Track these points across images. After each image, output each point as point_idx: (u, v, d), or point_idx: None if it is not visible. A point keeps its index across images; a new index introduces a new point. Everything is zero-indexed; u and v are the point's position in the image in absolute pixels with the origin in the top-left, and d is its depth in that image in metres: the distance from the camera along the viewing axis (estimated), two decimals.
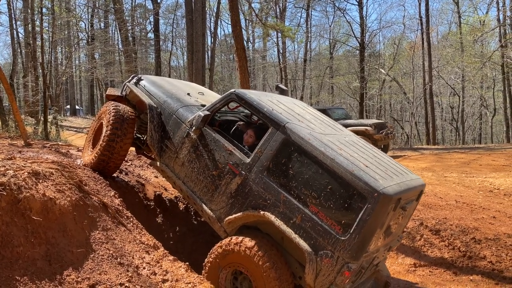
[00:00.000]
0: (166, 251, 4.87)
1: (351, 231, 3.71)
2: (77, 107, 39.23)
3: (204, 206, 4.69)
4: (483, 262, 6.12)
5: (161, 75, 32.26)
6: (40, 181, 4.22)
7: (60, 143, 10.25)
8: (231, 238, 4.27)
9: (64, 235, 4.00)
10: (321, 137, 4.18)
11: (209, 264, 4.42)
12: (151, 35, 40.68)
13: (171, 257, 4.79)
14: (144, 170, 7.41)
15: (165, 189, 6.86)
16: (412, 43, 40.49)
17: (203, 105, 5.28)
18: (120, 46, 32.13)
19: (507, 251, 6.27)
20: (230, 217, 4.41)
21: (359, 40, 29.39)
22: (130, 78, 6.03)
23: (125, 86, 6.02)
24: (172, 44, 40.01)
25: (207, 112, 4.72)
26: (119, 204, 5.15)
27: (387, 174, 3.97)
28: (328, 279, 3.83)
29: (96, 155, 5.38)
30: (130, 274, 4.04)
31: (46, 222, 3.88)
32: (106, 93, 6.19)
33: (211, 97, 6.11)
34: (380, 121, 16.56)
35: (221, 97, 4.89)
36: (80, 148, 8.84)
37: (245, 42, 43.66)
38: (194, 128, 4.74)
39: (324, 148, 3.97)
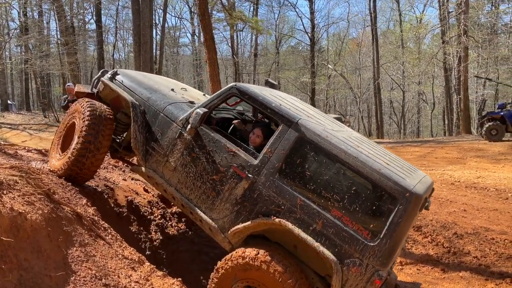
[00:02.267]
0: (152, 266, 4.32)
1: (381, 236, 3.39)
2: (9, 102, 36.14)
3: (203, 215, 4.13)
4: (468, 258, 6.13)
5: (103, 68, 30.53)
6: (5, 192, 3.51)
7: (2, 143, 9.14)
8: (257, 252, 3.69)
9: (39, 257, 3.34)
10: (336, 134, 3.82)
11: (223, 271, 3.82)
12: (90, 26, 38.47)
13: (159, 273, 4.26)
14: (110, 172, 6.68)
15: (137, 193, 6.21)
16: (355, 40, 41.73)
17: (191, 102, 4.72)
18: (58, 36, 29.94)
19: (490, 245, 6.33)
20: (238, 226, 3.89)
21: (309, 35, 29.57)
22: (100, 73, 5.30)
23: (97, 82, 5.29)
24: (116, 36, 38.01)
25: (205, 109, 4.16)
26: (93, 214, 4.50)
27: (406, 172, 3.71)
28: None
29: (68, 160, 4.64)
30: None
31: (17, 242, 3.21)
32: (75, 90, 5.42)
33: (194, 93, 5.55)
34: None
35: (219, 92, 4.33)
36: (29, 148, 7.88)
37: (192, 35, 42.71)
38: (189, 127, 4.16)
39: (344, 145, 3.61)
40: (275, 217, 3.72)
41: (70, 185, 4.70)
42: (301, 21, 33.23)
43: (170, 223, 6.10)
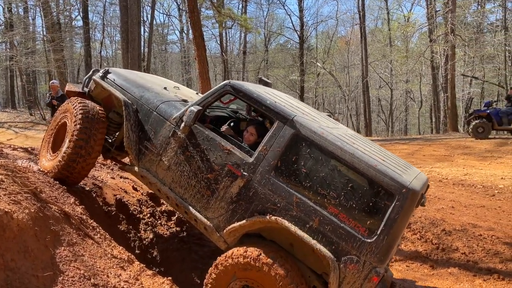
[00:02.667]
0: (142, 265, 4.27)
1: (378, 232, 3.39)
2: None
3: (198, 214, 4.08)
4: (456, 254, 6.19)
5: (91, 65, 30.18)
6: None
7: None
8: (260, 253, 3.62)
9: (26, 257, 3.27)
10: (332, 131, 3.81)
11: (222, 268, 3.76)
12: (76, 22, 37.98)
13: (149, 272, 4.20)
14: (98, 170, 6.59)
15: (125, 192, 6.14)
16: (343, 38, 41.90)
17: (185, 100, 4.67)
18: (44, 32, 29.48)
19: (477, 242, 6.40)
20: (234, 225, 3.86)
21: (298, 33, 29.59)
22: (91, 72, 5.23)
23: (88, 81, 5.21)
24: (103, 33, 37.54)
25: (199, 107, 4.10)
26: (82, 213, 4.42)
27: (402, 168, 3.71)
28: (354, 287, 3.48)
29: (58, 164, 4.55)
30: None
31: (3, 242, 3.14)
32: (66, 89, 5.33)
33: (187, 91, 5.49)
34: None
35: (213, 90, 4.28)
36: (15, 147, 7.73)
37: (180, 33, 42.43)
38: (182, 126, 4.11)
39: (340, 142, 3.61)
40: (271, 215, 3.70)
41: (58, 183, 4.62)
42: (290, 19, 33.34)
43: (159, 221, 6.05)
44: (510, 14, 30.37)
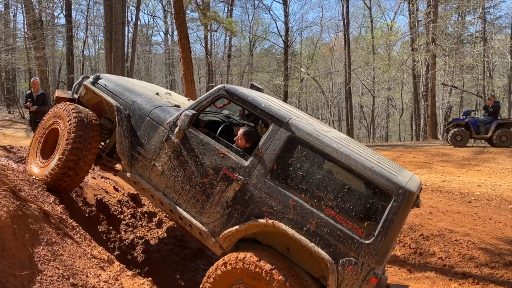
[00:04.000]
0: (122, 265, 4.23)
1: (376, 233, 3.40)
2: None
3: (193, 220, 4.02)
4: (433, 258, 6.32)
5: (73, 64, 29.76)
6: None
7: None
8: (273, 267, 3.51)
9: (3, 255, 3.23)
10: (327, 133, 3.83)
11: (230, 268, 3.67)
12: (59, 20, 37.40)
13: (129, 273, 4.17)
14: None
15: (106, 192, 6.08)
16: (327, 45, 42.34)
17: (177, 106, 4.64)
18: (26, 29, 28.92)
19: (454, 247, 6.55)
20: (230, 229, 3.81)
21: (283, 38, 29.78)
22: (81, 79, 5.17)
23: (78, 87, 5.14)
24: (86, 31, 37.02)
25: (194, 111, 4.08)
26: (61, 212, 4.37)
27: (396, 170, 3.75)
28: None
29: (54, 168, 4.45)
30: None
31: None
32: (55, 95, 5.24)
33: (179, 97, 5.47)
34: None
35: (208, 94, 4.26)
36: None
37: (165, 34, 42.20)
38: (177, 130, 4.08)
39: (336, 144, 3.63)
40: (268, 219, 3.67)
41: (38, 181, 4.56)
42: (275, 24, 33.67)
43: (140, 222, 6.01)
44: (489, 26, 31.24)
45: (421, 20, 26.38)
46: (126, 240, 5.51)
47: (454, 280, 5.72)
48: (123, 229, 5.60)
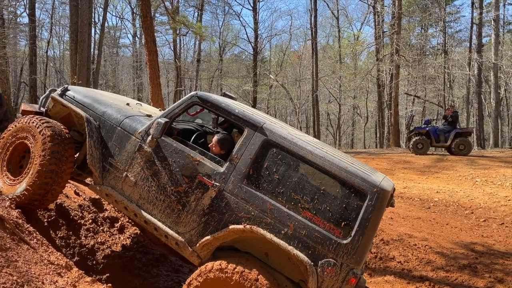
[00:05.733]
0: (81, 271, 4.13)
1: (353, 233, 3.44)
2: None
3: (169, 230, 3.93)
4: (393, 263, 6.51)
5: (35, 64, 28.81)
6: None
7: None
8: (260, 279, 3.47)
9: None
10: (300, 137, 3.88)
11: (205, 278, 3.58)
12: (22, 19, 36.19)
13: (88, 279, 4.07)
14: None
15: (67, 197, 5.91)
16: (296, 53, 42.97)
17: (149, 115, 4.55)
18: None
19: (412, 251, 6.77)
20: (207, 237, 3.75)
21: (253, 45, 29.99)
22: (48, 92, 4.98)
23: (46, 100, 4.95)
24: (51, 31, 35.98)
25: (166, 119, 3.99)
26: (17, 217, 4.23)
27: (369, 171, 3.80)
28: None
29: (29, 188, 4.24)
30: None
31: None
32: (21, 109, 5.02)
33: (150, 108, 5.39)
34: None
35: (180, 101, 4.20)
36: None
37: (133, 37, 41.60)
38: (149, 139, 3.98)
39: (310, 147, 3.67)
40: (245, 224, 3.65)
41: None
42: (245, 30, 33.74)
43: (102, 228, 5.88)
44: (449, 39, 32.59)
45: (386, 31, 27.23)
46: (87, 246, 5.37)
47: (411, 283, 5.92)
48: (83, 235, 5.46)
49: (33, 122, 4.40)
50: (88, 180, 5.02)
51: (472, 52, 27.25)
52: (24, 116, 4.58)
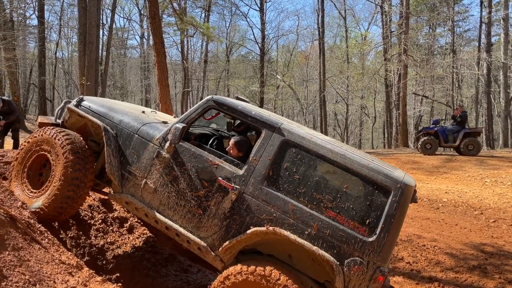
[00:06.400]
0: (91, 271, 4.17)
1: (378, 230, 3.37)
2: None
3: (190, 235, 3.91)
4: (402, 263, 6.48)
5: (45, 66, 29.10)
6: None
7: None
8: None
9: None
10: (318, 136, 3.86)
11: (232, 281, 3.52)
12: (31, 21, 36.57)
13: (99, 278, 4.11)
14: None
15: None
16: (303, 53, 42.93)
17: (165, 122, 4.57)
18: None
19: (421, 252, 6.74)
20: (230, 241, 3.70)
21: (259, 45, 30.01)
22: (63, 104, 5.04)
23: (61, 111, 5.00)
24: (59, 33, 36.32)
25: (184, 124, 4.01)
26: (29, 217, 4.28)
27: (390, 167, 3.76)
28: None
29: (51, 203, 4.29)
30: None
31: None
32: (38, 121, 5.11)
33: (164, 115, 5.39)
34: None
35: (197, 106, 4.20)
36: None
37: (140, 38, 41.82)
38: (167, 145, 3.99)
39: (330, 145, 3.64)
40: (268, 226, 3.60)
41: (4, 185, 4.46)
42: (252, 31, 33.89)
43: (111, 228, 5.92)
44: (458, 38, 32.36)
45: (393, 31, 27.10)
46: (96, 246, 5.42)
47: (421, 284, 5.89)
48: (93, 235, 5.52)
49: (52, 135, 4.42)
50: (105, 189, 5.05)
51: (481, 51, 27.06)
52: (48, 128, 4.56)
